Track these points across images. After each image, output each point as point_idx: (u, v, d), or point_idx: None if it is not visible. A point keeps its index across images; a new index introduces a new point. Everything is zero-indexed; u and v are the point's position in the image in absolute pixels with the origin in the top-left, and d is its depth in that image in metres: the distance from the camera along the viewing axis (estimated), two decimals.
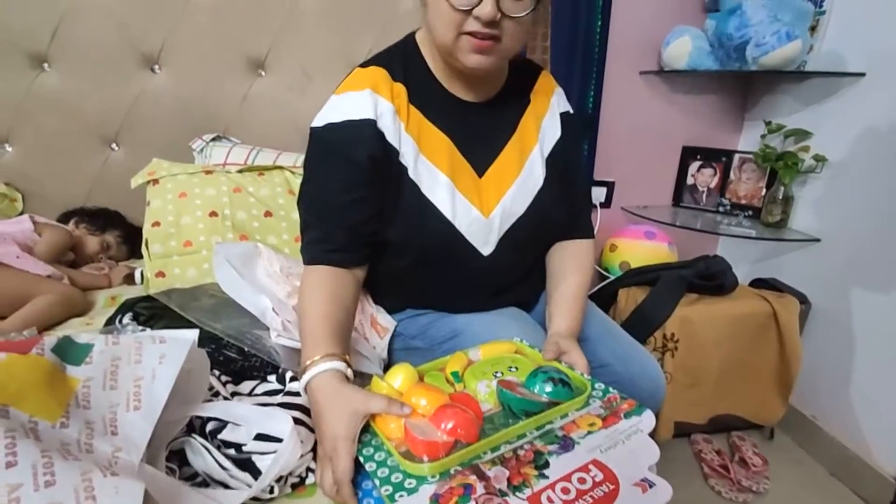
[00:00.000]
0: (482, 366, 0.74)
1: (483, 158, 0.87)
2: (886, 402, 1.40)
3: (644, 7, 1.63)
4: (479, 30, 0.72)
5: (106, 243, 1.38)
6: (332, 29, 1.47)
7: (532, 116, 0.92)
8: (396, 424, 0.61)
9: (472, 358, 0.77)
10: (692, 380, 1.47)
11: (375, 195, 0.81)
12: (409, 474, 0.55)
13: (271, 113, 1.50)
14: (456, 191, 0.84)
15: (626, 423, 0.63)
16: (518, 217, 0.88)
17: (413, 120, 0.83)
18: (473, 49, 0.74)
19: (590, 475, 0.55)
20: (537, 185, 0.90)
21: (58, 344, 0.54)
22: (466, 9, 0.71)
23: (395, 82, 0.82)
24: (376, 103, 0.79)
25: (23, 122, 1.39)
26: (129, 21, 1.37)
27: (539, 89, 0.94)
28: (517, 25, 0.74)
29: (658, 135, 1.81)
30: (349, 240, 0.81)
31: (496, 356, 0.76)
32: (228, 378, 0.78)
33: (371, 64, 0.84)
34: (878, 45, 1.36)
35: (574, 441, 0.60)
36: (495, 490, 0.53)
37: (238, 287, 0.84)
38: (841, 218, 1.49)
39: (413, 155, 0.82)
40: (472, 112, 0.87)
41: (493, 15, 0.70)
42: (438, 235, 0.83)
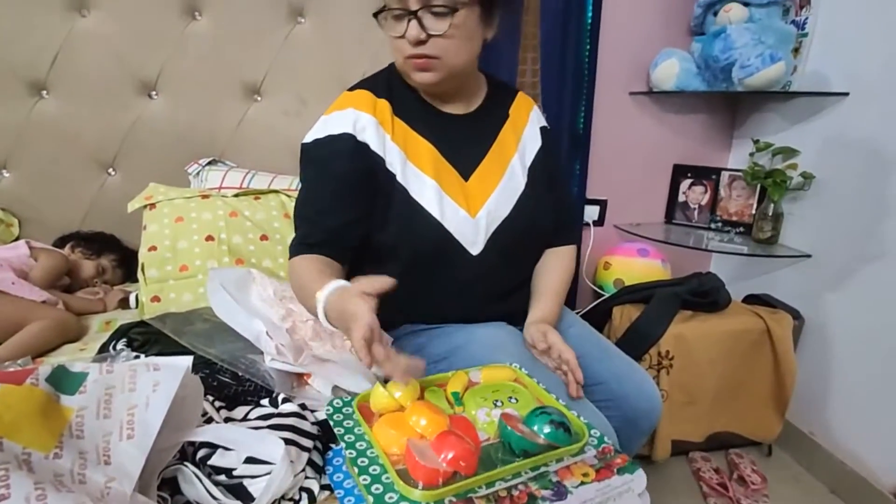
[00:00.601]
0: (483, 390, 0.75)
1: (467, 164, 0.94)
2: (883, 416, 1.40)
3: (631, 31, 1.67)
4: (412, 52, 0.83)
5: (101, 267, 1.39)
6: (327, 55, 1.50)
7: (511, 128, 1.00)
8: (396, 437, 0.61)
9: (472, 379, 0.78)
10: (688, 397, 1.47)
11: (356, 202, 0.87)
12: (402, 496, 0.56)
13: (267, 137, 1.52)
14: (443, 193, 0.90)
15: (618, 480, 0.64)
16: (503, 218, 0.94)
17: (398, 131, 0.90)
18: (415, 68, 0.86)
19: None
20: (519, 189, 0.97)
21: (52, 373, 0.54)
22: (400, 35, 0.83)
23: (379, 99, 0.90)
24: (357, 119, 0.87)
25: (21, 148, 1.41)
26: (127, 50, 1.40)
27: (517, 106, 1.03)
28: (448, 41, 0.83)
29: (649, 153, 1.83)
30: (329, 237, 0.86)
31: (497, 382, 0.77)
32: (222, 403, 0.78)
33: (357, 88, 0.92)
34: (860, 65, 1.40)
35: (567, 490, 0.61)
36: None
37: (232, 312, 0.85)
38: (830, 234, 1.51)
39: (400, 162, 0.89)
40: (454, 123, 0.95)
41: (417, 35, 0.81)
42: (428, 235, 0.89)
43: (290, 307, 0.91)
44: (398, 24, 0.83)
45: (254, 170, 1.45)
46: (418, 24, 0.81)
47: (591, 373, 0.95)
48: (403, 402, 0.67)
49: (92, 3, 1.36)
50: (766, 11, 1.49)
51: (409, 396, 0.68)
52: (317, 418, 0.78)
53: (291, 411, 0.75)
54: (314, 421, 0.77)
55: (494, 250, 0.93)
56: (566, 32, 1.56)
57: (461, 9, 0.82)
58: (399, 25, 0.83)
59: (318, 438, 0.74)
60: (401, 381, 0.66)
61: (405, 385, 0.67)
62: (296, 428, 0.70)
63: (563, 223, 1.07)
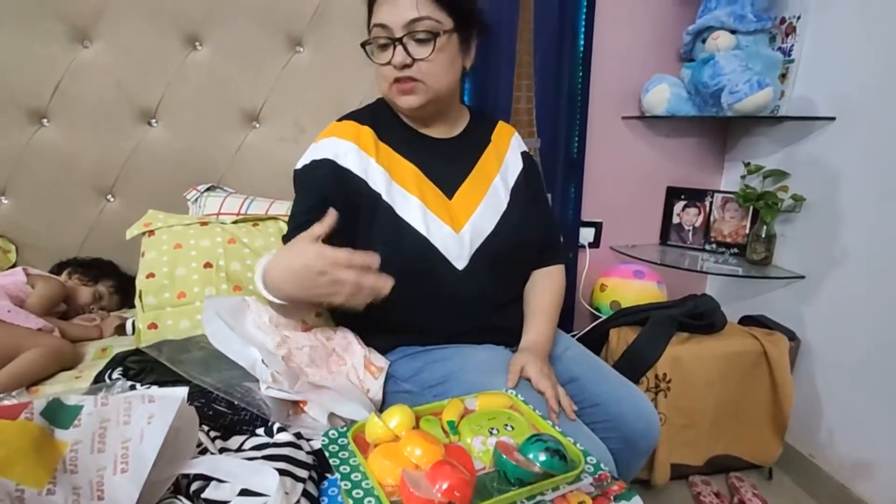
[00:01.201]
0: (478, 418, 0.74)
1: (450, 183, 0.99)
2: (881, 438, 1.39)
3: (622, 57, 1.71)
4: (398, 76, 0.90)
5: (98, 294, 1.39)
6: (324, 83, 1.53)
7: (493, 152, 1.05)
8: (391, 467, 0.61)
9: (468, 406, 0.78)
10: (687, 420, 1.46)
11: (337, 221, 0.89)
12: None
13: (265, 163, 1.54)
14: (427, 210, 0.94)
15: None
16: (488, 233, 0.97)
17: (383, 153, 0.96)
18: (400, 92, 0.92)
19: None
20: (502, 207, 1.01)
21: (47, 406, 0.54)
22: (386, 62, 0.90)
23: (362, 126, 0.97)
24: (337, 146, 0.94)
25: (20, 174, 1.42)
26: (128, 78, 1.42)
27: (499, 132, 1.09)
28: (430, 66, 0.90)
29: (642, 176, 1.86)
30: None
31: (492, 410, 0.77)
32: (217, 433, 0.78)
33: (343, 118, 0.99)
34: (846, 90, 1.43)
35: None
36: None
37: (227, 341, 0.85)
38: (823, 255, 1.53)
39: (385, 182, 0.94)
40: (437, 146, 1.00)
41: (403, 60, 0.89)
42: (415, 250, 0.92)
43: (286, 334, 0.91)
44: (384, 53, 0.91)
45: (252, 195, 1.46)
46: (403, 49, 0.88)
47: (587, 395, 0.95)
48: (398, 431, 0.67)
49: (94, 34, 1.39)
50: (753, 39, 1.53)
51: (403, 426, 0.68)
52: (312, 447, 0.78)
53: (287, 441, 0.74)
54: (310, 450, 0.76)
55: (480, 265, 0.95)
56: (560, 60, 1.60)
57: (442, 35, 0.88)
58: (385, 54, 0.90)
59: (313, 468, 0.73)
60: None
61: (399, 418, 0.68)
62: (291, 458, 0.70)
63: (548, 243, 1.10)
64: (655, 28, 1.71)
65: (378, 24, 0.89)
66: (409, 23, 0.87)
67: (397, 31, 0.88)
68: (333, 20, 1.50)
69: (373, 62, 0.95)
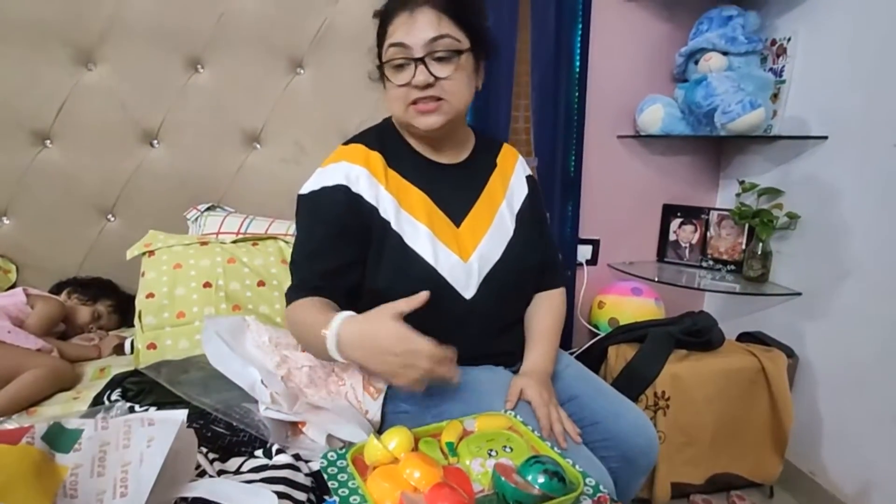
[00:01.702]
0: (477, 440, 0.74)
1: (458, 211, 0.98)
2: (881, 455, 1.39)
3: (617, 78, 1.74)
4: (419, 96, 0.87)
5: (97, 313, 1.39)
6: (324, 105, 1.55)
7: (499, 177, 1.05)
8: (390, 490, 0.61)
9: (467, 428, 0.78)
10: (686, 438, 1.46)
11: (347, 248, 0.90)
12: None
13: (266, 183, 1.56)
14: (436, 239, 0.92)
15: None
16: (495, 262, 0.96)
17: (392, 181, 0.94)
18: (420, 113, 0.89)
19: None
20: (508, 234, 1.00)
21: (48, 431, 0.54)
22: (405, 83, 0.87)
23: (371, 151, 0.94)
24: (349, 171, 0.91)
25: (22, 195, 1.43)
26: (131, 101, 1.44)
27: (504, 156, 1.08)
28: (452, 84, 0.88)
29: (639, 194, 1.88)
30: (323, 282, 0.88)
31: (492, 431, 0.77)
32: (216, 455, 0.78)
33: (351, 142, 0.97)
34: (837, 110, 1.46)
35: None
36: None
37: (227, 361, 0.86)
38: (818, 272, 1.54)
39: (394, 210, 0.92)
40: (445, 172, 0.99)
41: (426, 80, 0.86)
42: (422, 280, 0.90)
43: (285, 354, 0.92)
44: (401, 73, 0.87)
45: (252, 215, 1.48)
46: (425, 68, 0.86)
47: (587, 413, 0.95)
48: (397, 453, 0.68)
49: (98, 57, 1.41)
50: (745, 60, 1.56)
51: (402, 448, 0.68)
52: (311, 469, 0.78)
53: (285, 463, 0.74)
54: (308, 472, 0.76)
55: (487, 293, 0.95)
56: (556, 81, 1.63)
57: (462, 53, 0.88)
58: (403, 74, 0.87)
59: (312, 490, 0.73)
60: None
61: (398, 440, 0.68)
62: (289, 481, 0.70)
63: (550, 267, 1.10)
64: (649, 50, 1.75)
65: (396, 43, 0.87)
66: (430, 41, 0.85)
67: (418, 50, 0.85)
68: (334, 43, 1.53)
69: (384, 84, 0.93)
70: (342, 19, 1.52)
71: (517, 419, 0.81)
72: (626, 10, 1.71)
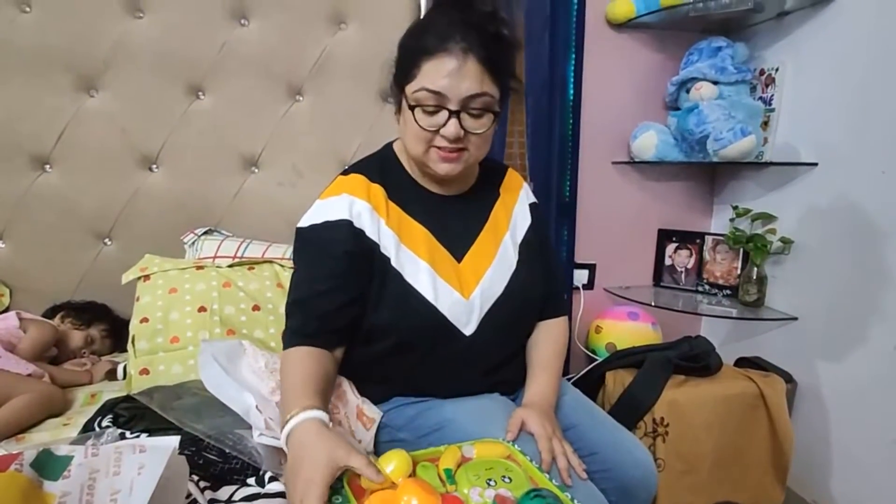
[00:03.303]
0: (476, 467, 0.73)
1: (460, 245, 0.95)
2: (885, 481, 1.37)
3: (611, 106, 1.78)
4: (445, 145, 0.84)
5: (90, 338, 1.38)
6: (323, 131, 1.57)
7: (502, 207, 1.02)
8: None
9: (465, 454, 0.77)
10: (686, 466, 1.43)
11: (351, 285, 0.87)
12: None
13: (263, 207, 1.57)
14: (437, 276, 0.90)
15: None
16: (497, 297, 0.94)
17: (393, 215, 0.91)
18: (441, 160, 0.86)
19: None
20: (511, 267, 0.98)
21: (37, 458, 0.53)
22: (434, 129, 0.84)
23: (373, 183, 0.92)
24: (352, 205, 0.89)
25: (19, 219, 1.43)
26: (131, 126, 1.46)
27: (507, 184, 1.05)
28: (479, 139, 0.86)
29: (634, 219, 1.90)
30: (322, 326, 0.86)
31: (490, 459, 0.76)
32: (207, 483, 0.76)
33: (351, 171, 0.94)
34: (826, 138, 1.49)
35: None
36: None
37: (222, 385, 0.85)
38: (814, 296, 1.54)
39: (394, 246, 0.90)
40: (447, 205, 0.97)
41: (458, 134, 0.83)
42: (422, 318, 0.88)
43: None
44: (431, 118, 0.83)
45: (249, 238, 1.48)
46: (458, 122, 0.82)
47: (585, 442, 0.94)
48: (395, 478, 0.66)
49: (101, 84, 1.44)
50: (735, 89, 1.60)
51: (400, 472, 0.67)
52: None
53: (278, 491, 0.73)
54: None
55: (488, 328, 0.93)
56: (551, 107, 1.66)
57: (495, 110, 0.85)
58: (432, 119, 0.83)
59: None
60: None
61: (396, 463, 0.67)
62: None
63: (553, 295, 1.07)
64: (641, 78, 1.79)
65: (431, 90, 0.81)
66: (470, 97, 0.81)
67: (454, 103, 0.81)
68: (333, 71, 1.56)
69: (398, 108, 0.89)
70: (341, 49, 1.56)
71: (516, 448, 0.79)
72: (619, 40, 1.75)
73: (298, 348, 0.83)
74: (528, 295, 0.99)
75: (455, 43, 0.80)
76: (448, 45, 0.80)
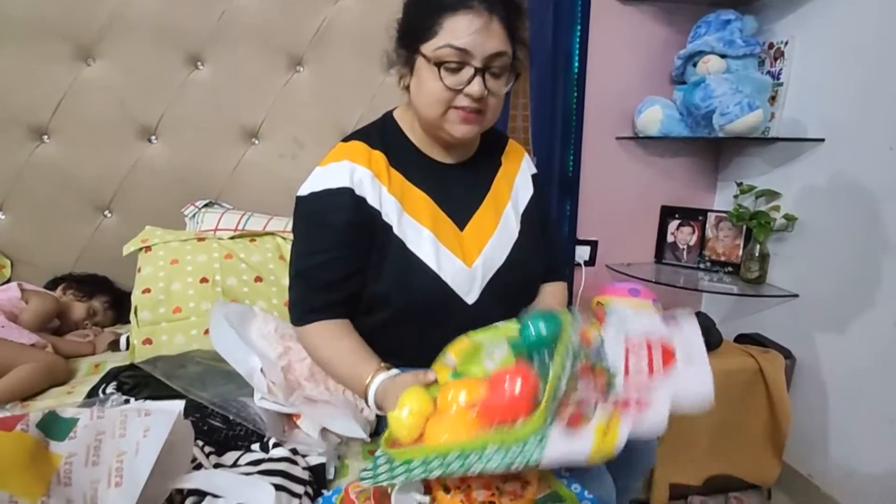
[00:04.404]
0: (468, 358, 0.74)
1: (462, 214, 0.95)
2: (879, 457, 1.39)
3: (616, 80, 1.75)
4: (468, 104, 0.83)
5: (92, 310, 1.38)
6: (324, 101, 1.55)
7: (504, 177, 1.02)
8: (457, 426, 0.61)
9: (449, 363, 0.76)
10: (684, 440, 1.45)
11: (354, 255, 0.87)
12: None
13: (264, 179, 1.55)
14: (439, 244, 0.90)
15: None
16: (499, 266, 0.94)
17: (395, 182, 0.91)
18: (461, 121, 0.85)
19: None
20: (513, 237, 0.97)
21: (43, 419, 0.54)
22: (459, 87, 0.82)
23: (374, 150, 0.91)
24: (353, 172, 0.87)
25: (18, 190, 1.42)
26: (130, 96, 1.44)
27: (509, 153, 1.05)
28: (496, 101, 0.86)
29: (637, 195, 1.88)
30: (328, 300, 0.87)
31: (467, 349, 0.76)
32: (212, 449, 0.77)
33: (351, 139, 0.93)
34: (833, 113, 1.47)
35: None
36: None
37: (231, 346, 0.85)
38: (816, 274, 1.54)
39: (397, 213, 0.89)
40: (449, 173, 0.96)
41: (483, 92, 0.82)
42: (425, 286, 0.88)
43: (289, 345, 0.91)
44: (454, 76, 0.82)
45: (250, 211, 1.47)
46: (482, 80, 0.82)
47: None
48: (413, 424, 0.64)
49: (98, 52, 1.41)
50: (743, 63, 1.57)
51: (420, 417, 0.65)
52: (308, 463, 0.77)
53: (282, 456, 0.74)
54: (305, 466, 0.75)
55: (490, 297, 0.93)
56: (555, 82, 1.64)
57: (514, 70, 0.86)
58: (455, 77, 0.82)
59: (309, 484, 0.73)
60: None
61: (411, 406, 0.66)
62: (287, 473, 0.69)
63: (555, 264, 1.09)
64: (647, 52, 1.75)
65: (456, 46, 0.80)
66: (493, 55, 0.81)
67: (479, 60, 0.80)
68: (333, 41, 1.53)
69: (409, 73, 0.86)
70: (342, 18, 1.52)
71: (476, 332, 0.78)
72: (626, 13, 1.71)
73: (319, 324, 0.85)
74: (530, 265, 0.99)
75: (478, 1, 0.80)
76: (471, 3, 0.80)
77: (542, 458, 0.55)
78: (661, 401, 0.62)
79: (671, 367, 0.66)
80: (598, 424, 0.59)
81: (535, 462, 0.55)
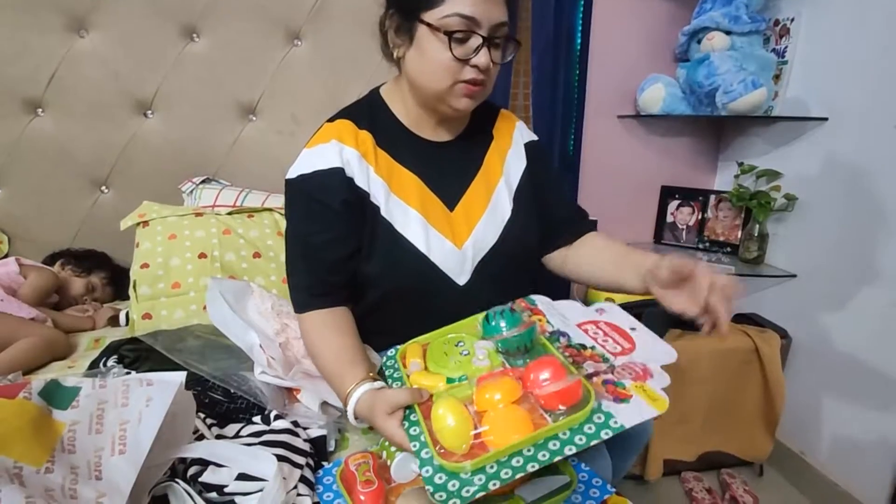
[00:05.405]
0: (436, 351, 0.76)
1: (452, 193, 0.92)
2: (871, 435, 1.41)
3: (618, 57, 1.72)
4: (475, 76, 0.81)
5: (91, 285, 1.38)
6: (322, 77, 1.53)
7: (496, 152, 0.98)
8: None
9: (414, 369, 0.76)
10: (680, 416, 1.48)
11: (351, 235, 0.86)
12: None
13: (261, 156, 1.54)
14: (428, 225, 0.88)
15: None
16: (490, 247, 0.92)
17: (382, 162, 0.88)
18: (465, 94, 0.83)
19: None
20: (505, 216, 0.94)
21: (45, 387, 0.54)
22: (466, 58, 0.80)
23: (361, 130, 0.88)
24: (341, 151, 0.85)
25: (13, 165, 1.41)
26: (125, 69, 1.41)
27: (500, 126, 1.01)
28: (495, 73, 0.85)
29: (637, 175, 1.87)
30: (330, 282, 0.85)
31: (439, 337, 0.80)
32: (214, 421, 0.78)
33: (337, 118, 0.90)
34: (838, 92, 1.45)
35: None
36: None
37: (228, 322, 0.85)
38: (814, 254, 1.54)
39: (384, 194, 0.87)
40: (438, 151, 0.93)
41: (489, 64, 0.80)
42: (414, 269, 0.87)
43: (286, 322, 0.91)
44: (461, 47, 0.79)
45: (248, 188, 1.46)
46: (488, 51, 0.80)
47: None
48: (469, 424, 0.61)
49: (91, 24, 1.38)
50: (748, 40, 1.54)
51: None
52: (309, 436, 0.78)
53: (284, 428, 0.74)
54: (306, 438, 0.76)
55: (482, 278, 0.92)
56: (556, 59, 1.61)
57: (515, 39, 0.84)
58: (462, 48, 0.79)
59: (310, 455, 0.73)
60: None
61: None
62: (288, 444, 0.70)
63: (579, 216, 1.04)
64: (651, 28, 1.72)
65: (465, 15, 0.77)
66: (497, 25, 0.80)
67: (485, 29, 0.79)
68: (332, 14, 1.50)
69: (407, 45, 0.83)
70: None
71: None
72: None
73: (316, 313, 0.83)
74: (522, 245, 0.97)
75: None
76: None
77: (625, 425, 0.59)
78: (652, 364, 0.67)
79: (633, 340, 0.73)
80: (632, 385, 0.64)
81: (617, 431, 0.58)
